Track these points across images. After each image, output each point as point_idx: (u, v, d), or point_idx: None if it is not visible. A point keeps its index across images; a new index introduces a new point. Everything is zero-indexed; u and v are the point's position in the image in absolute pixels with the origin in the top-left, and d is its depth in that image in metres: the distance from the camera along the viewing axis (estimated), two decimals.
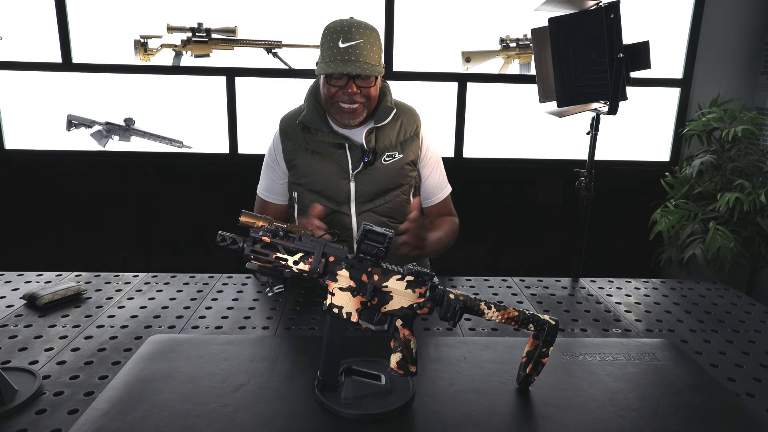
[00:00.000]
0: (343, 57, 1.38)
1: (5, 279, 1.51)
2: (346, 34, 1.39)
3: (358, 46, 1.38)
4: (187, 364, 1.02)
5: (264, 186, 1.63)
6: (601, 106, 1.76)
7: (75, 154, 2.94)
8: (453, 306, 0.91)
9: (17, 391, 0.92)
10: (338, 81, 1.42)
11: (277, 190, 1.62)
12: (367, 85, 1.43)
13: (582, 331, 1.28)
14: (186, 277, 1.55)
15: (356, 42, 1.38)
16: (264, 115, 2.95)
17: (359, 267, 0.89)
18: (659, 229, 2.67)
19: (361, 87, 1.42)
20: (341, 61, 1.38)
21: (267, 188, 1.63)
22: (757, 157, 2.75)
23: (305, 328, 1.25)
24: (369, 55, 1.40)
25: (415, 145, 1.57)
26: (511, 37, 2.95)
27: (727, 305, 1.46)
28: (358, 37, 1.39)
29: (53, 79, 2.88)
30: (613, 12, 1.66)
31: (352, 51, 1.38)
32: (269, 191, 1.62)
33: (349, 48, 1.38)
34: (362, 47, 1.39)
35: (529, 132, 3.06)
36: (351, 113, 1.45)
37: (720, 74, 3.04)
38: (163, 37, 2.84)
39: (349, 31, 1.39)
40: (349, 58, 1.38)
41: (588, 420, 0.89)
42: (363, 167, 1.50)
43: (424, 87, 2.97)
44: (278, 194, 1.62)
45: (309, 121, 1.51)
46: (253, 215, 0.89)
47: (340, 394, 0.90)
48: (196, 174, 3.01)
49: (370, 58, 1.40)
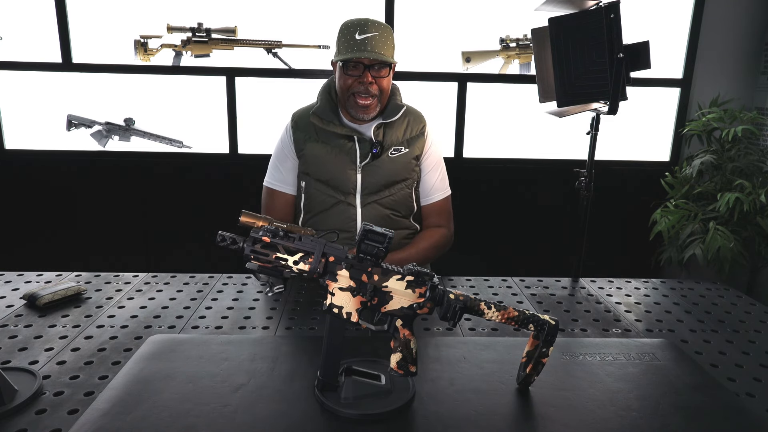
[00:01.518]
0: (360, 47, 1.48)
1: (5, 279, 1.51)
2: (363, 27, 1.49)
3: (374, 38, 1.48)
4: (187, 364, 1.02)
5: (273, 176, 1.68)
6: (601, 106, 1.76)
7: (75, 154, 2.94)
8: (453, 306, 0.91)
9: (17, 391, 0.92)
10: (354, 71, 1.50)
11: (286, 180, 1.66)
12: (381, 76, 1.51)
13: (582, 331, 1.28)
14: (186, 277, 1.55)
15: (372, 34, 1.48)
16: (264, 115, 2.95)
17: (359, 267, 0.89)
18: (659, 229, 2.67)
19: (375, 78, 1.50)
20: (358, 51, 1.47)
21: (276, 178, 1.67)
22: (757, 157, 2.75)
23: (305, 328, 1.25)
24: (383, 47, 1.49)
25: (420, 142, 1.64)
26: (511, 37, 2.95)
27: (727, 305, 1.46)
28: (374, 30, 1.49)
29: (53, 79, 2.88)
30: (613, 12, 1.66)
31: (368, 42, 1.47)
32: (278, 180, 1.67)
33: (365, 39, 1.48)
34: (377, 39, 1.48)
35: (529, 132, 3.06)
36: (365, 108, 1.53)
37: (720, 74, 3.03)
38: (163, 37, 2.84)
39: (365, 24, 1.49)
40: (365, 48, 1.47)
41: (588, 420, 0.89)
42: (371, 159, 1.57)
43: (424, 87, 2.97)
44: (287, 184, 1.66)
45: (322, 113, 1.58)
46: (253, 215, 0.89)
47: (340, 394, 0.90)
48: (196, 174, 3.01)
49: (385, 50, 1.49)
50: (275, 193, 1.66)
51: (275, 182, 1.67)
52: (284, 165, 1.65)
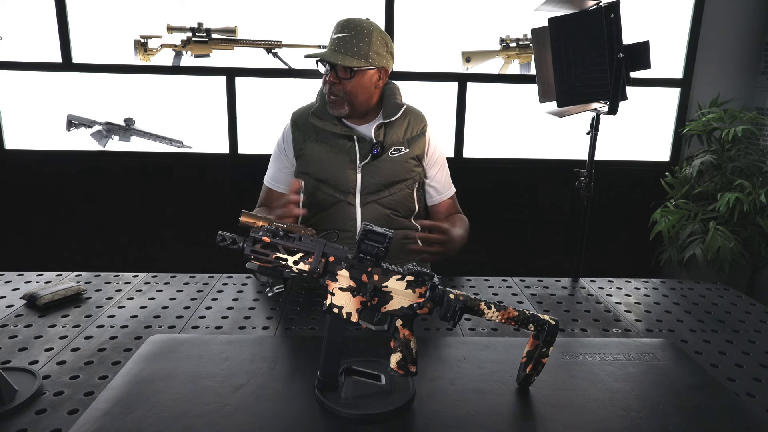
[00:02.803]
0: (331, 47, 1.48)
1: (5, 279, 1.50)
2: (342, 27, 1.48)
3: (344, 39, 1.47)
4: (187, 364, 1.02)
5: (270, 175, 1.69)
6: (601, 106, 1.76)
7: (75, 154, 2.94)
8: (453, 306, 0.91)
9: (17, 391, 0.92)
10: (323, 69, 1.52)
11: (282, 179, 1.67)
12: (341, 78, 1.49)
13: (582, 331, 1.28)
14: (186, 277, 1.55)
15: (343, 35, 1.47)
16: (264, 115, 2.95)
17: (359, 267, 0.89)
18: (659, 229, 2.67)
19: (341, 78, 1.49)
20: (322, 50, 1.49)
21: (273, 177, 1.69)
22: (757, 157, 2.75)
23: (305, 328, 1.25)
24: (353, 49, 1.46)
25: (421, 143, 1.63)
26: (511, 37, 2.95)
27: (727, 305, 1.46)
28: (347, 31, 1.47)
29: (53, 79, 2.88)
30: (613, 12, 1.66)
31: (338, 41, 1.47)
32: (275, 180, 1.68)
33: (336, 39, 1.48)
34: (347, 40, 1.46)
35: (529, 132, 3.06)
36: (332, 104, 1.53)
37: (720, 74, 3.03)
38: (163, 37, 2.84)
39: (345, 24, 1.48)
40: (333, 47, 1.47)
41: (588, 420, 0.89)
42: (371, 158, 1.56)
43: (424, 87, 2.97)
44: (283, 183, 1.67)
45: (321, 112, 1.58)
46: (253, 215, 0.89)
47: (340, 394, 0.90)
48: (196, 174, 3.01)
49: (353, 52, 1.46)
50: (271, 192, 1.68)
51: (272, 181, 1.69)
52: (281, 164, 1.66)
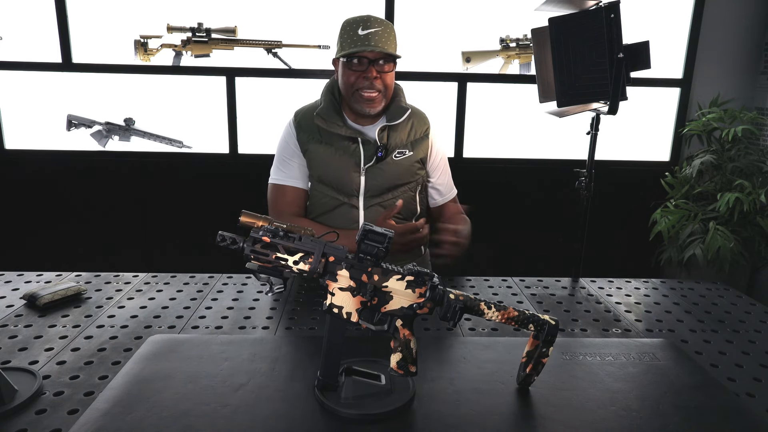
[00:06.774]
0: (364, 42, 1.46)
1: (5, 279, 1.50)
2: (365, 23, 1.47)
3: (377, 33, 1.46)
4: (187, 364, 1.02)
5: (280, 173, 1.62)
6: (601, 106, 1.76)
7: (75, 154, 2.94)
8: (453, 306, 0.91)
9: (17, 391, 0.92)
10: (359, 66, 1.48)
11: (296, 175, 1.61)
12: (385, 71, 1.49)
13: (582, 331, 1.28)
14: (186, 277, 1.55)
15: (375, 29, 1.47)
16: (264, 115, 2.95)
17: (359, 267, 0.89)
18: (659, 229, 2.67)
19: (380, 73, 1.48)
20: (362, 45, 1.45)
21: (285, 174, 1.61)
22: (757, 157, 2.75)
23: (305, 328, 1.25)
24: (387, 42, 1.47)
25: (424, 145, 1.63)
26: (511, 37, 2.95)
27: (727, 305, 1.46)
28: (377, 26, 1.47)
29: (53, 79, 2.88)
30: (613, 12, 1.66)
31: (372, 36, 1.46)
32: (288, 176, 1.61)
33: (368, 34, 1.46)
34: (380, 34, 1.47)
35: (529, 132, 3.06)
36: (371, 101, 1.51)
37: (720, 74, 3.04)
38: (163, 37, 2.84)
39: (368, 20, 1.48)
40: (369, 42, 1.45)
41: (588, 420, 0.89)
42: (375, 161, 1.55)
43: (424, 87, 2.97)
44: (297, 178, 1.61)
45: (325, 114, 1.56)
46: (253, 215, 0.89)
47: (340, 394, 0.90)
48: (196, 174, 3.01)
49: (388, 45, 1.47)
50: (285, 188, 1.61)
51: (284, 178, 1.61)
52: (292, 160, 1.60)
